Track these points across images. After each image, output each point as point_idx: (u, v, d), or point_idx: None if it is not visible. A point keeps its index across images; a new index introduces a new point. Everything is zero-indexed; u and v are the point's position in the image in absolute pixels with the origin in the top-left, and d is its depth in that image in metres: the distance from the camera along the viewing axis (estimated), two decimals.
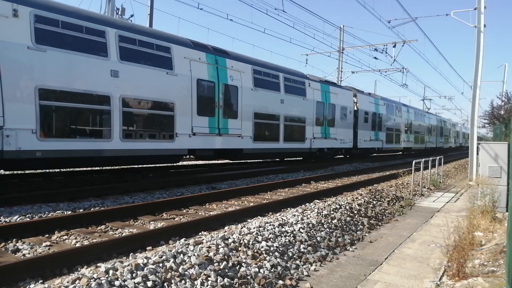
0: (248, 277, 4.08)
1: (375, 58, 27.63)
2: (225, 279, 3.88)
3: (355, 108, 22.46)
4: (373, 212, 8.07)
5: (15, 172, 11.63)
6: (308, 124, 17.71)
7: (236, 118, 13.59)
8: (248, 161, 20.57)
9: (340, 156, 23.19)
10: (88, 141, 9.39)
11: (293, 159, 21.33)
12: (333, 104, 19.85)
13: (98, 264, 3.87)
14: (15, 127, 8.01)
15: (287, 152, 17.40)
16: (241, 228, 5.49)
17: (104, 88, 9.58)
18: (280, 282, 4.17)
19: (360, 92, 23.96)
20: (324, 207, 7.41)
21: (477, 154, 12.89)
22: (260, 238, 5.10)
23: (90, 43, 9.45)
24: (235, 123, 13.53)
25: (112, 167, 13.61)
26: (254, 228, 5.47)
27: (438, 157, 14.97)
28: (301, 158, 21.03)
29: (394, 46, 26.64)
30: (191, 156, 14.14)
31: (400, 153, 34.13)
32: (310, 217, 6.54)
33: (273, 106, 15.53)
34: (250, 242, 4.88)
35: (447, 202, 10.18)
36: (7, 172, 11.47)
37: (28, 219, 6.48)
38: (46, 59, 8.55)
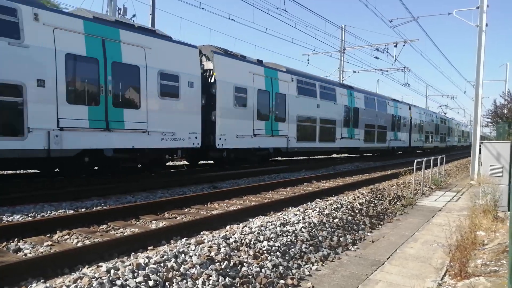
0: (250, 276, 4.08)
1: (376, 58, 27.90)
2: (227, 279, 3.88)
3: (410, 117, 30.34)
4: (375, 211, 8.05)
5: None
6: (388, 130, 26.31)
7: (357, 128, 22.23)
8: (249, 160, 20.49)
9: (399, 152, 30.99)
10: (308, 143, 17.85)
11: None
12: (399, 115, 28.30)
13: (100, 264, 3.87)
14: (290, 136, 16.43)
15: (377, 149, 25.93)
16: (242, 228, 5.49)
17: (314, 114, 18.25)
18: (282, 281, 4.17)
19: (412, 105, 32.39)
20: (326, 206, 7.39)
21: (479, 153, 12.87)
22: (261, 237, 5.09)
23: (311, 91, 18.06)
24: (357, 131, 22.19)
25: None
26: (255, 227, 5.45)
27: (440, 156, 14.95)
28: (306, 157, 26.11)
29: (395, 46, 26.88)
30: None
31: (406, 152, 35.67)
32: (312, 216, 6.53)
33: (373, 119, 24.06)
34: (252, 242, 4.87)
35: (448, 201, 10.16)
36: (9, 172, 11.55)
37: (30, 218, 6.49)
38: (300, 101, 17.07)
